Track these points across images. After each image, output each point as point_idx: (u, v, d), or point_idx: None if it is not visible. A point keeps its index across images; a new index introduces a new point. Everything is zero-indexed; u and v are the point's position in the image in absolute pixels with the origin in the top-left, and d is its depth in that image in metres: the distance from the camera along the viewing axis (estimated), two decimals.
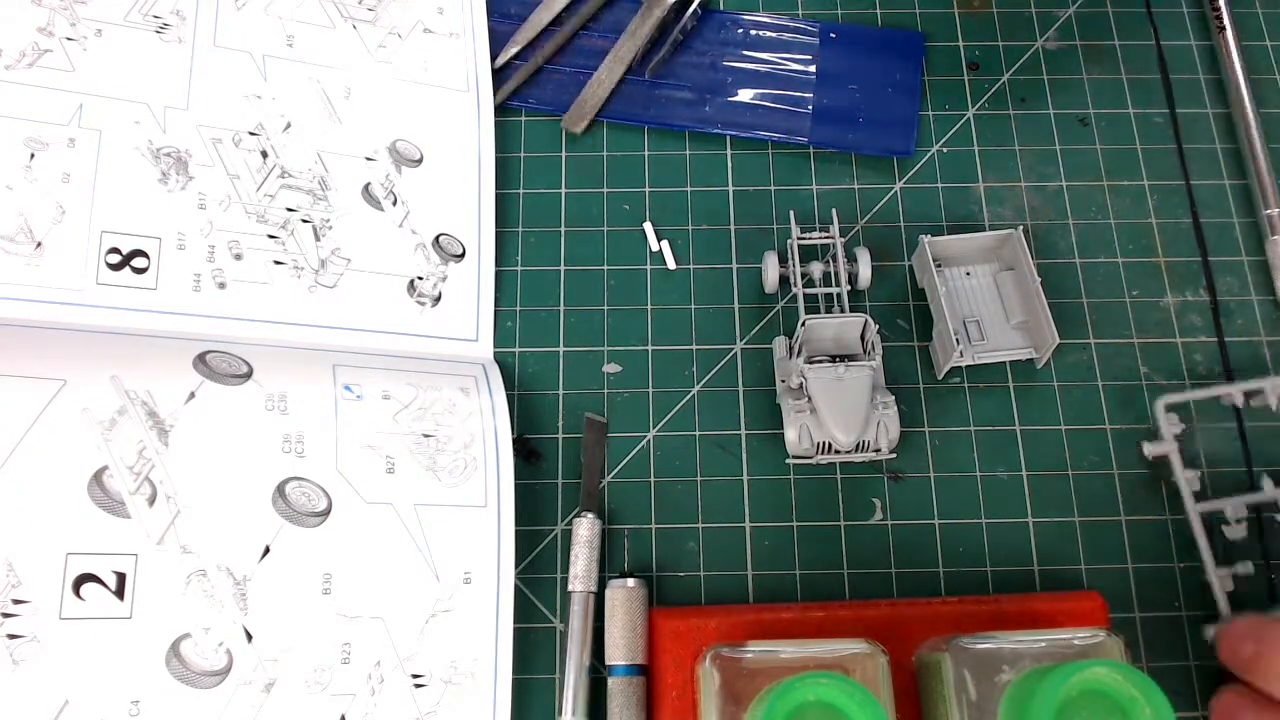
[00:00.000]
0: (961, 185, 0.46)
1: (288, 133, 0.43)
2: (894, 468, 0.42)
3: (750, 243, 0.45)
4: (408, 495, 0.38)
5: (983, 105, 0.47)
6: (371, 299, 0.42)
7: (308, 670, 0.35)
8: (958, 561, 0.40)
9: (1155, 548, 0.41)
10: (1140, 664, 0.39)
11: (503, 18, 0.49)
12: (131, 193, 0.40)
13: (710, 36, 0.49)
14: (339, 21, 0.46)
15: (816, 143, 0.46)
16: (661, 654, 0.38)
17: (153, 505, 0.35)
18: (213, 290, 0.40)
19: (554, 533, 0.41)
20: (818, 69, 0.48)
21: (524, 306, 0.44)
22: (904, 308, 0.44)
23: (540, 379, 0.43)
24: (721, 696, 0.33)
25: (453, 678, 0.37)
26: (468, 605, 0.37)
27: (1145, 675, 0.29)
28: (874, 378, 0.40)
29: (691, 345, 0.44)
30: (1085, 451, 0.42)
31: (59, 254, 0.39)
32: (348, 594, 0.36)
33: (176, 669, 0.34)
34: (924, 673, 0.36)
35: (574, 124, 0.46)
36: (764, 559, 0.40)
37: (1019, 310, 0.43)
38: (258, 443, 0.37)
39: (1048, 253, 0.45)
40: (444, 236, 0.44)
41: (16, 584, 0.33)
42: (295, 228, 0.42)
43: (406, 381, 0.40)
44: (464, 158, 0.46)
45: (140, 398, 0.36)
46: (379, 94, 0.45)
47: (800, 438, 0.39)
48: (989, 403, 0.43)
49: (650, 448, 0.42)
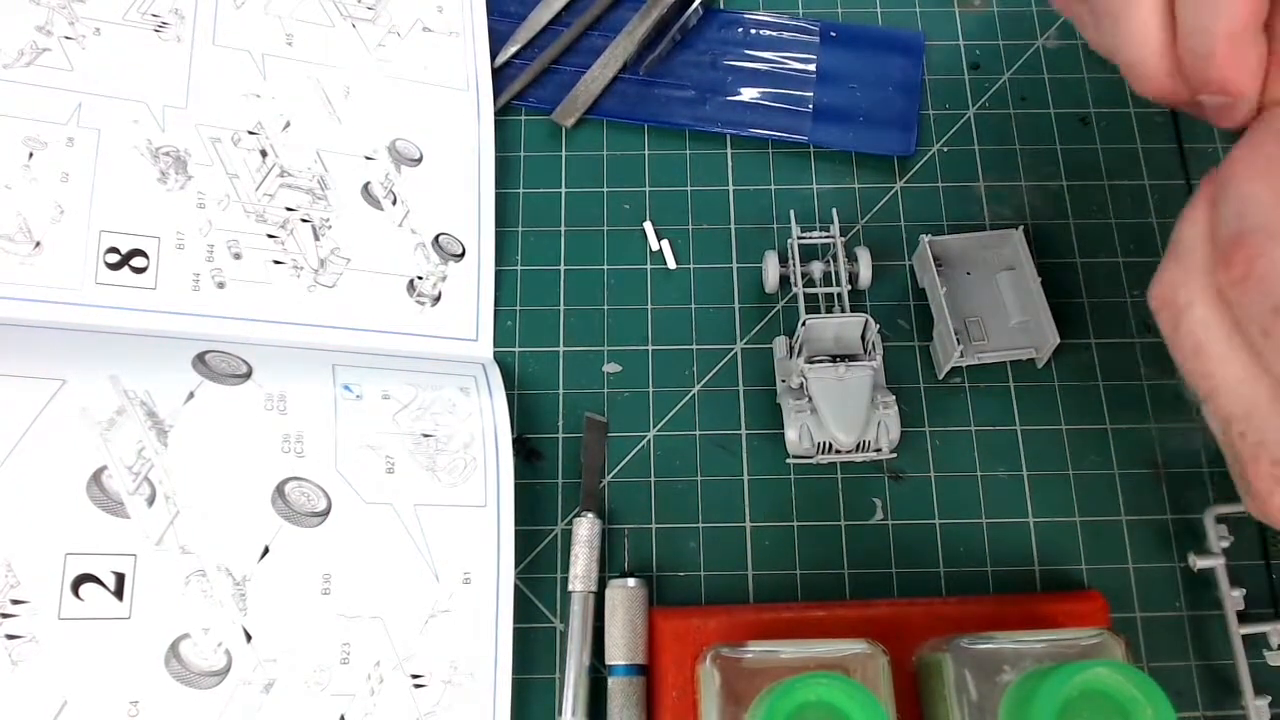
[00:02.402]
0: (962, 185, 0.46)
1: (287, 132, 0.43)
2: (894, 468, 0.42)
3: (750, 242, 0.45)
4: (407, 495, 0.38)
5: (983, 104, 0.47)
6: (371, 298, 0.42)
7: (307, 670, 0.35)
8: (958, 561, 0.40)
9: (1156, 548, 0.41)
10: (1141, 664, 0.39)
11: (502, 16, 0.49)
12: (130, 192, 0.40)
13: (710, 35, 0.48)
14: (338, 20, 0.46)
15: (817, 142, 0.46)
16: (661, 654, 0.38)
17: (152, 505, 0.35)
18: (212, 290, 0.40)
19: (554, 533, 0.41)
20: (818, 68, 0.48)
21: (524, 306, 0.44)
22: (904, 307, 0.44)
23: (540, 379, 0.43)
24: (722, 696, 0.33)
25: (452, 678, 0.37)
26: (467, 605, 0.37)
27: (1146, 675, 0.29)
28: (874, 378, 0.40)
29: (691, 345, 0.44)
30: (1085, 451, 0.42)
31: (57, 253, 0.38)
32: (347, 594, 0.36)
33: (176, 669, 0.34)
34: (924, 673, 0.36)
35: (564, 118, 0.46)
36: (764, 559, 0.40)
37: (1019, 310, 0.43)
38: (257, 443, 0.36)
39: (1048, 252, 0.45)
40: (444, 236, 0.44)
41: (15, 584, 0.33)
42: (294, 227, 0.42)
43: (406, 381, 0.40)
44: (463, 157, 0.46)
45: (139, 397, 0.36)
46: (378, 93, 0.45)
47: (801, 438, 0.39)
48: (989, 403, 0.43)
49: (650, 448, 0.42)
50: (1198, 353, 0.30)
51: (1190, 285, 0.30)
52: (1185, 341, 0.30)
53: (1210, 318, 0.30)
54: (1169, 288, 0.31)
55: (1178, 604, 0.40)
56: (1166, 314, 0.31)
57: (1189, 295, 0.30)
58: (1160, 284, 0.31)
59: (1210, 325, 0.30)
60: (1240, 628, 0.38)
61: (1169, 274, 0.31)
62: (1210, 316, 0.30)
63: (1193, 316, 0.30)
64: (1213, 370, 0.30)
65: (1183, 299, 0.30)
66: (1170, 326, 0.31)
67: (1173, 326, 0.31)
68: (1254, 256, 0.28)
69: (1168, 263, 0.31)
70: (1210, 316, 0.30)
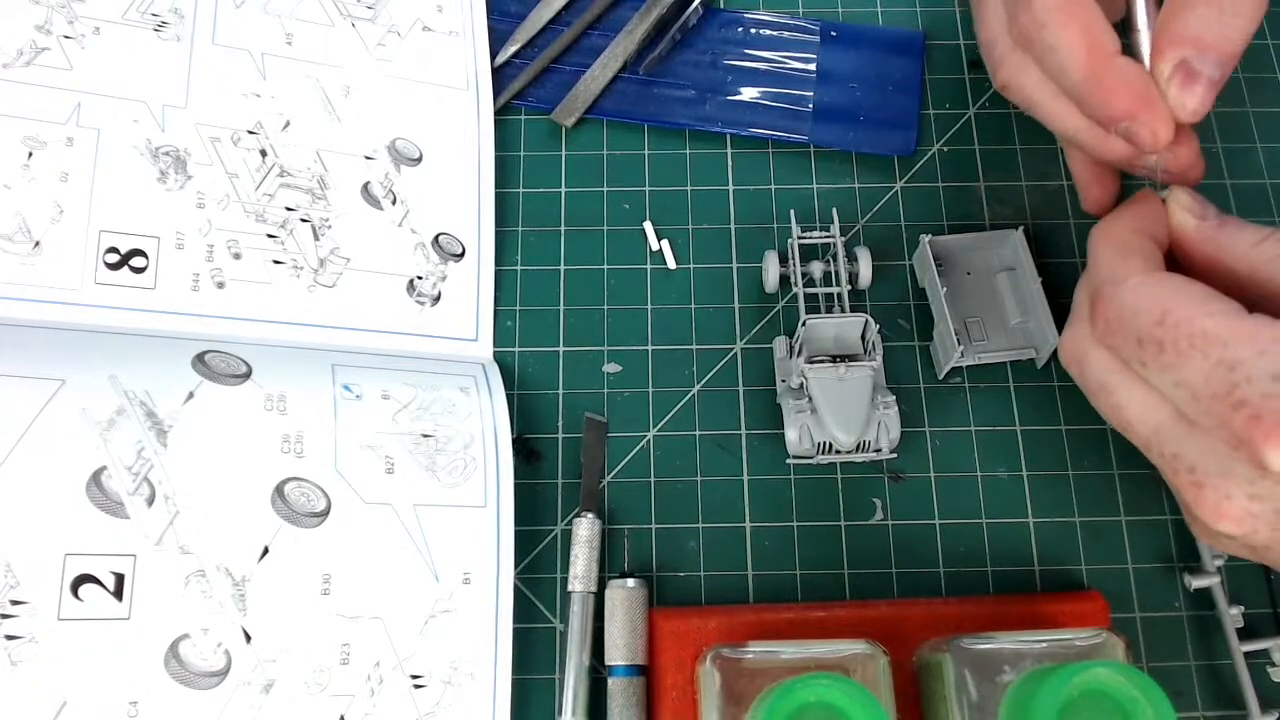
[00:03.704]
0: (962, 184, 0.46)
1: (286, 131, 0.43)
2: (894, 468, 0.42)
3: (750, 242, 0.45)
4: (407, 495, 0.38)
5: (983, 104, 0.47)
6: (371, 298, 0.42)
7: (307, 671, 0.35)
8: (958, 561, 0.40)
9: (1155, 548, 0.41)
10: (1141, 664, 0.39)
11: (502, 16, 0.49)
12: (130, 192, 0.40)
13: (711, 34, 0.48)
14: (338, 19, 0.46)
15: (817, 141, 0.46)
16: (661, 654, 0.38)
17: (151, 506, 0.35)
18: (211, 290, 0.40)
19: (554, 533, 0.41)
20: (818, 67, 0.48)
21: (524, 306, 0.44)
22: (904, 307, 0.44)
23: (540, 379, 0.43)
24: (722, 697, 0.33)
25: (452, 678, 0.37)
26: (467, 605, 0.37)
27: (1146, 675, 0.29)
28: (875, 378, 0.40)
29: (691, 345, 0.43)
30: (1085, 451, 0.42)
31: (57, 253, 0.38)
32: (347, 594, 0.36)
33: (175, 670, 0.34)
34: (925, 673, 0.36)
35: (564, 117, 0.46)
36: (764, 559, 0.40)
37: (1019, 310, 0.42)
38: (257, 443, 0.36)
39: (1048, 252, 0.45)
40: (443, 236, 0.44)
41: (15, 585, 0.33)
42: (294, 227, 0.42)
43: (406, 381, 0.40)
44: (463, 156, 0.46)
45: (139, 398, 0.36)
46: (378, 92, 0.45)
47: (801, 438, 0.39)
48: (989, 403, 0.43)
49: (650, 448, 0.42)
50: (1104, 393, 0.34)
51: (1084, 339, 0.35)
52: (1091, 386, 0.35)
53: (1104, 362, 0.34)
54: (1071, 343, 0.36)
55: (1178, 604, 0.40)
56: (1074, 367, 0.36)
57: (1084, 348, 0.35)
58: (1064, 342, 0.36)
59: (1106, 369, 0.34)
60: (1241, 644, 0.38)
61: (1069, 333, 0.36)
62: (1104, 361, 0.34)
63: (1091, 364, 0.34)
64: (1119, 403, 0.34)
65: (1080, 351, 0.35)
66: (1078, 376, 0.36)
67: (1080, 375, 0.35)
68: (1106, 304, 0.33)
69: (1069, 323, 0.36)
70: (1104, 361, 0.34)
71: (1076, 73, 0.34)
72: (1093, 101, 0.35)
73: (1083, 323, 0.35)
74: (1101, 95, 0.34)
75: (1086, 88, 0.34)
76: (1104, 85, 0.34)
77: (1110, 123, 0.34)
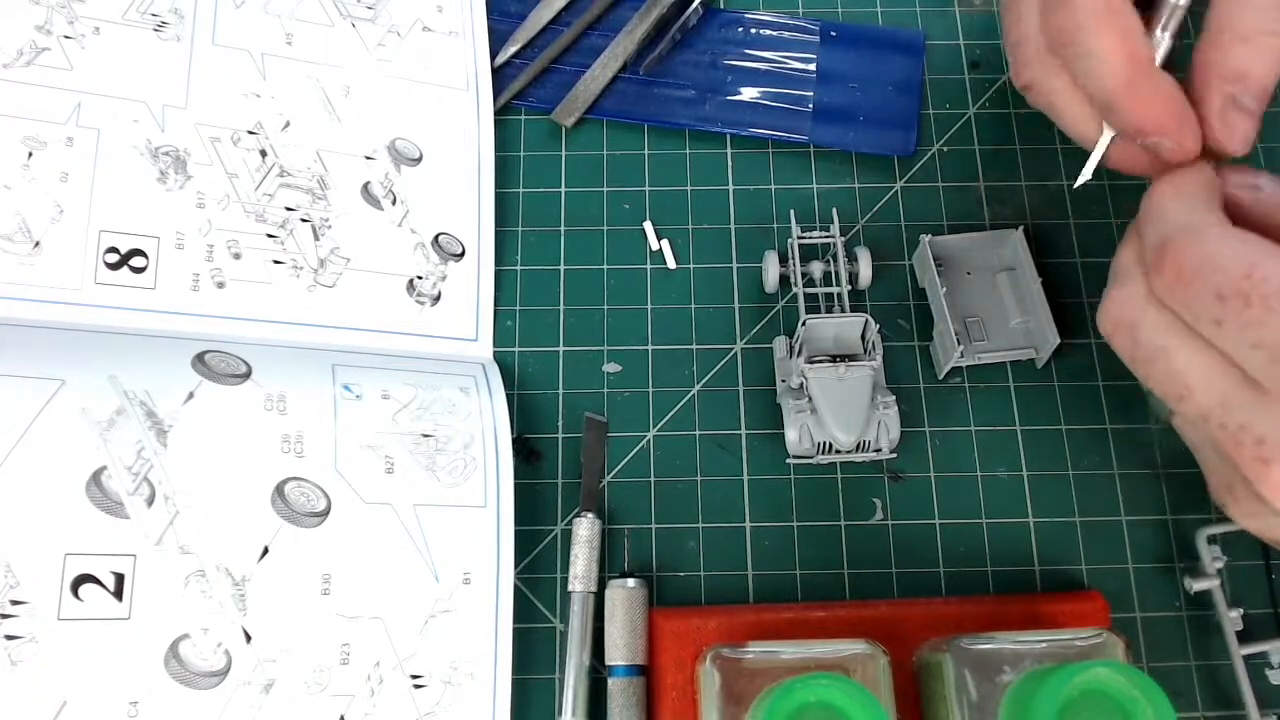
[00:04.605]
0: (962, 184, 0.46)
1: (286, 131, 0.43)
2: (894, 468, 0.42)
3: (750, 242, 0.45)
4: (407, 495, 0.38)
5: (983, 104, 0.47)
6: (371, 298, 0.42)
7: (307, 671, 0.35)
8: (958, 561, 0.40)
9: (1155, 548, 0.41)
10: (1141, 664, 0.39)
11: (502, 16, 0.49)
12: (130, 192, 0.40)
13: (710, 35, 0.48)
14: (338, 20, 0.46)
15: (817, 141, 0.46)
16: (661, 654, 0.38)
17: (151, 506, 0.35)
18: (211, 290, 0.40)
19: (554, 533, 0.41)
20: (818, 67, 0.48)
21: (524, 306, 0.44)
22: (904, 307, 0.44)
23: (540, 379, 0.43)
24: (722, 697, 0.33)
25: (452, 678, 0.37)
26: (467, 605, 0.37)
27: (1147, 675, 0.29)
28: (874, 378, 0.40)
29: (691, 345, 0.43)
30: (1085, 451, 0.42)
31: (57, 253, 0.38)
32: (347, 594, 0.36)
33: (175, 670, 0.34)
34: (924, 673, 0.36)
35: (564, 117, 0.46)
36: (764, 559, 0.40)
37: (1019, 310, 0.43)
38: (257, 443, 0.36)
39: (1048, 252, 0.45)
40: (443, 236, 0.44)
41: (15, 585, 0.32)
42: (294, 227, 0.42)
43: (406, 381, 0.40)
44: (463, 156, 0.46)
45: (139, 398, 0.36)
46: (378, 92, 0.45)
47: (801, 438, 0.39)
48: (989, 403, 0.43)
49: (650, 447, 0.42)
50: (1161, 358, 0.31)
51: (1136, 302, 0.32)
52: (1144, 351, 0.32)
53: (1163, 323, 0.31)
54: (1117, 309, 0.33)
55: (1178, 604, 0.40)
56: (1121, 334, 0.33)
57: (1136, 310, 0.32)
58: (1108, 309, 0.33)
59: (1165, 330, 0.31)
60: (1241, 648, 0.38)
61: (1114, 298, 0.33)
62: (1163, 322, 0.31)
63: (1147, 327, 0.32)
64: (1179, 370, 0.31)
65: (1131, 314, 0.32)
66: (1128, 344, 0.33)
67: (1130, 343, 0.32)
68: (1181, 254, 0.30)
69: (1110, 290, 0.33)
70: (1163, 322, 0.31)
71: (1110, 80, 0.33)
72: (1125, 111, 0.33)
73: (1134, 284, 0.32)
74: (1136, 106, 0.33)
75: (1119, 97, 0.33)
76: (1139, 97, 0.33)
77: (1139, 135, 0.33)
